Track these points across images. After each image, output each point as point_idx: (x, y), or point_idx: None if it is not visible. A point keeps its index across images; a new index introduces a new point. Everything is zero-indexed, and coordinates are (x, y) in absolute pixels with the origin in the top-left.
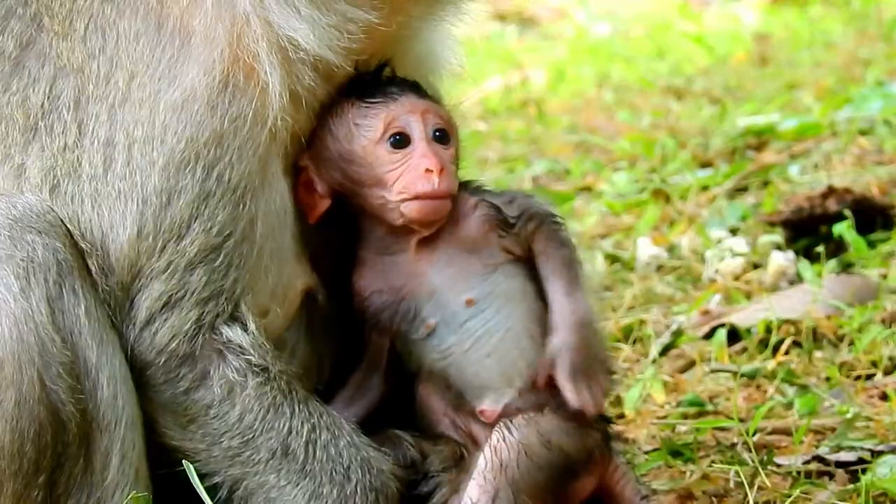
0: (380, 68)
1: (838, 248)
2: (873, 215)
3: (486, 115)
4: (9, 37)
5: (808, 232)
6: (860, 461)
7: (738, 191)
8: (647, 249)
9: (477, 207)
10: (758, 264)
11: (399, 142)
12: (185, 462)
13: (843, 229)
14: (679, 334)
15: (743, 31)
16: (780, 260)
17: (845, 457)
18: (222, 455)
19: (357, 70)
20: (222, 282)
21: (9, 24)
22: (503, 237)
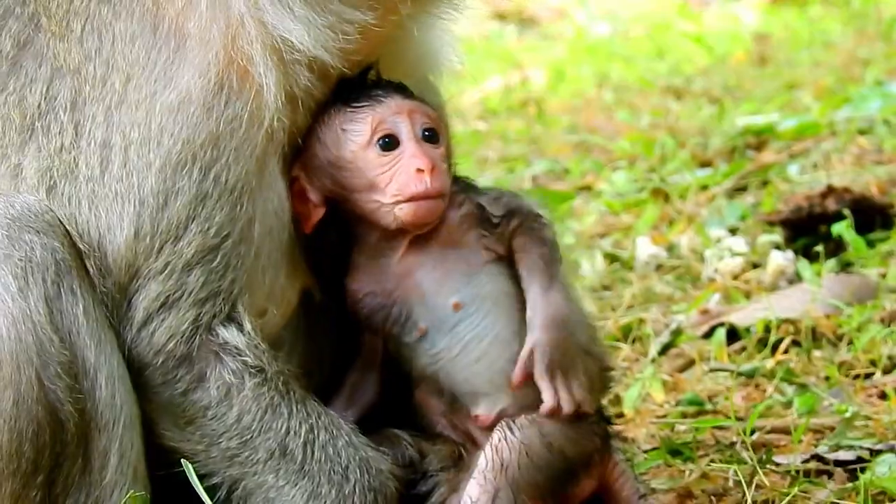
0: (364, 72)
1: (837, 247)
2: (872, 215)
3: (485, 114)
4: (6, 36)
5: (808, 231)
6: (859, 460)
7: (738, 190)
8: (647, 249)
9: (462, 205)
10: (757, 264)
11: (388, 144)
12: (184, 462)
13: (843, 229)
14: (678, 333)
15: (742, 31)
16: (779, 259)
17: (844, 456)
18: (221, 456)
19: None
20: (219, 282)
21: (7, 24)
22: (485, 236)
